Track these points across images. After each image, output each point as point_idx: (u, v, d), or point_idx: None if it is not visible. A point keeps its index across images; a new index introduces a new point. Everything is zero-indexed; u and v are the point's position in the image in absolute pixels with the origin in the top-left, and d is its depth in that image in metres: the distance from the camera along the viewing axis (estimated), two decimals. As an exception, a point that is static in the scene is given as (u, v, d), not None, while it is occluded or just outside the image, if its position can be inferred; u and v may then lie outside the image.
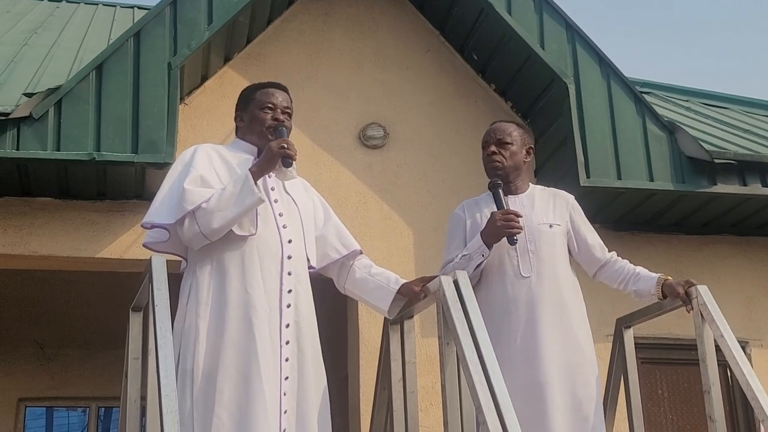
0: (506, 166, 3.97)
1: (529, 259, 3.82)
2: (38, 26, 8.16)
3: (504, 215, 3.74)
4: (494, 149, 3.99)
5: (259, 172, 3.35)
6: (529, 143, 4.08)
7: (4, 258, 5.86)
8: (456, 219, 4.06)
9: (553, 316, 3.76)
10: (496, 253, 3.83)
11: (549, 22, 6.27)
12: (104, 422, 9.07)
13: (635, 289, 3.96)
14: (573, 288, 3.91)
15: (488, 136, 4.05)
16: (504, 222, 3.72)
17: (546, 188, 4.12)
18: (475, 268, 3.77)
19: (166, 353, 2.88)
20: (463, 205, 4.10)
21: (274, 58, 6.47)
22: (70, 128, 5.44)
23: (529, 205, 3.96)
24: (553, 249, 3.89)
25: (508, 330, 3.74)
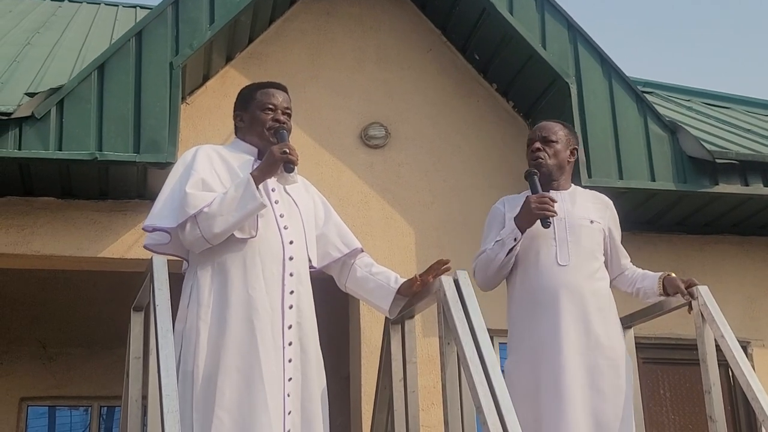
0: (549, 164, 4.00)
1: (567, 249, 3.84)
2: (40, 26, 8.17)
3: (539, 198, 3.77)
4: (539, 146, 4.01)
5: (260, 177, 3.34)
6: (573, 144, 4.11)
7: (7, 257, 5.87)
8: (495, 212, 4.09)
9: (585, 305, 3.77)
10: (534, 243, 3.86)
11: (550, 22, 6.28)
12: (107, 421, 9.07)
13: (641, 288, 4.02)
14: (606, 284, 3.94)
15: (534, 133, 4.08)
16: (538, 204, 3.75)
17: (587, 190, 4.19)
18: (507, 253, 3.79)
19: (167, 353, 2.88)
20: (503, 200, 4.12)
21: (275, 58, 6.48)
22: (72, 128, 5.45)
23: (570, 201, 4.00)
24: (592, 243, 3.93)
25: (544, 316, 3.75)
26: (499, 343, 6.11)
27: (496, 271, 3.87)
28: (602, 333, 3.77)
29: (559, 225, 3.85)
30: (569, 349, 3.68)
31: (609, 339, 3.79)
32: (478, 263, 3.94)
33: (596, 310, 3.79)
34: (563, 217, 3.88)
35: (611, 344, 3.79)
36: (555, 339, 3.71)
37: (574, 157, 4.11)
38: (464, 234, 6.34)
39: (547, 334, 3.73)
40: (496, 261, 3.83)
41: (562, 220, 3.87)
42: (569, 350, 3.68)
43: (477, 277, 3.94)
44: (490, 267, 3.87)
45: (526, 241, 3.83)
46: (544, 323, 3.75)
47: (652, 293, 3.99)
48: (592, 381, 3.69)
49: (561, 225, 3.86)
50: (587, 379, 3.68)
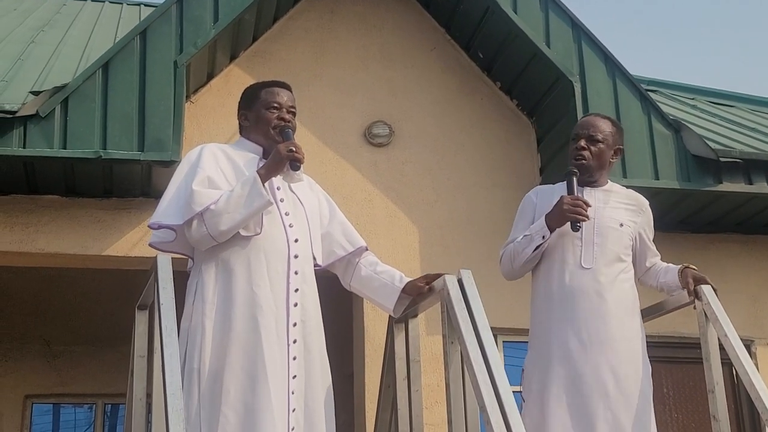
0: (591, 165, 3.93)
1: (592, 251, 3.80)
2: (45, 24, 8.18)
3: (573, 200, 3.74)
4: (584, 144, 3.93)
5: (267, 175, 3.34)
6: (619, 143, 4.02)
7: (11, 255, 5.89)
8: (527, 202, 4.03)
9: (607, 309, 3.75)
10: (560, 242, 3.83)
11: (555, 21, 6.28)
12: (111, 419, 9.09)
13: (664, 282, 3.98)
14: (631, 288, 3.89)
15: (580, 129, 3.98)
16: (571, 206, 3.72)
17: (624, 188, 4.10)
18: (534, 250, 3.77)
19: (171, 352, 2.88)
20: (537, 190, 4.08)
21: (279, 56, 6.48)
22: (77, 126, 5.46)
23: (603, 200, 3.94)
24: (618, 247, 3.87)
25: (564, 318, 3.73)
26: (504, 341, 6.12)
27: (521, 265, 3.85)
28: (626, 335, 3.75)
29: (587, 226, 3.80)
30: (591, 352, 3.67)
31: (629, 342, 3.76)
32: (504, 253, 3.92)
33: (616, 314, 3.76)
34: (593, 217, 3.82)
35: (631, 347, 3.75)
36: (576, 341, 3.69)
37: (618, 156, 4.04)
38: (468, 232, 6.35)
39: (564, 335, 3.71)
40: (523, 255, 3.81)
41: (592, 221, 3.81)
42: (591, 354, 3.67)
43: (503, 267, 3.94)
44: (516, 260, 3.85)
45: (552, 239, 3.80)
46: (562, 325, 3.73)
47: (675, 286, 3.95)
48: (615, 384, 3.67)
49: (589, 226, 3.82)
50: (605, 383, 3.66)
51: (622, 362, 3.72)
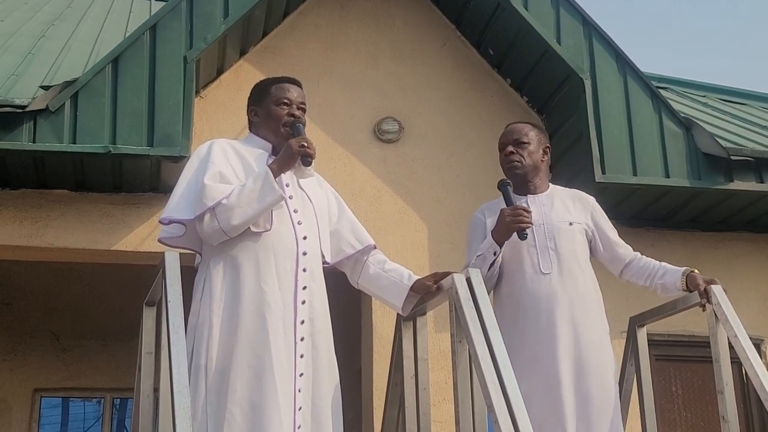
0: (525, 165, 3.96)
1: (549, 256, 3.81)
2: (55, 18, 8.19)
3: (512, 211, 3.73)
4: (512, 149, 3.98)
5: (278, 170, 3.34)
6: (545, 143, 4.06)
7: (21, 250, 5.90)
8: (475, 221, 4.05)
9: (572, 312, 3.75)
10: (516, 251, 3.82)
11: (566, 17, 6.26)
12: (119, 413, 9.12)
13: (662, 283, 3.95)
14: (593, 286, 3.90)
15: (505, 137, 4.04)
16: (513, 217, 3.71)
17: (566, 189, 4.10)
18: (489, 267, 3.76)
19: (178, 349, 2.88)
20: (482, 208, 4.09)
21: (289, 52, 6.48)
22: (86, 121, 5.47)
23: (548, 204, 3.95)
24: (573, 246, 3.88)
25: (531, 326, 3.73)
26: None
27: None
28: (589, 337, 3.75)
29: (538, 231, 3.82)
30: (560, 357, 3.67)
31: (597, 342, 3.76)
32: None
33: (583, 315, 3.77)
34: (542, 222, 3.85)
35: (599, 347, 3.76)
36: (546, 348, 3.68)
37: (547, 156, 4.06)
38: (477, 230, 6.33)
39: (536, 343, 3.70)
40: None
41: (541, 226, 3.84)
42: (560, 358, 3.67)
43: None
44: None
45: (507, 251, 3.81)
46: (534, 333, 3.72)
47: (674, 288, 3.93)
48: (582, 386, 3.67)
49: (540, 231, 3.83)
50: (578, 386, 3.67)
51: (594, 363, 3.71)
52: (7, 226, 5.81)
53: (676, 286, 3.91)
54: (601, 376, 3.72)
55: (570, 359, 3.69)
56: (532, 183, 3.98)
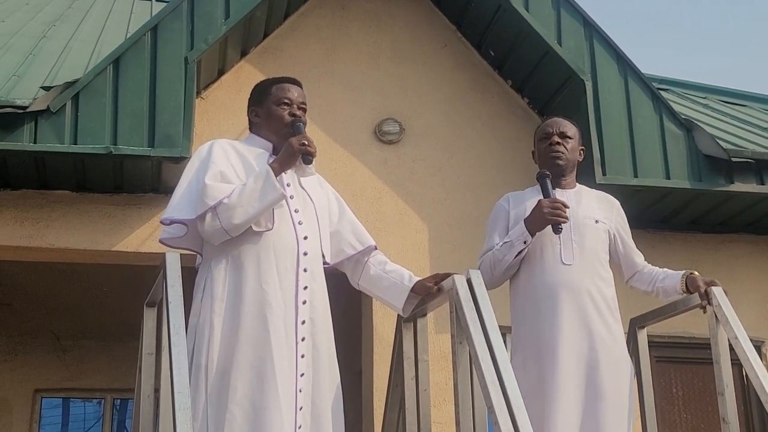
0: (567, 158, 3.95)
1: (572, 248, 3.80)
2: (56, 19, 8.20)
3: (552, 203, 3.74)
4: (558, 140, 3.95)
5: (279, 169, 3.34)
6: (582, 144, 4.09)
7: (22, 250, 5.91)
8: (499, 209, 4.02)
9: (588, 306, 3.74)
10: (538, 241, 3.82)
11: (566, 19, 6.26)
12: (120, 414, 9.12)
13: (662, 286, 3.96)
14: (611, 284, 3.90)
15: (549, 127, 4.00)
16: (551, 209, 3.71)
17: (592, 189, 4.11)
18: (516, 256, 3.76)
19: (179, 350, 2.88)
20: (507, 197, 4.06)
21: (290, 53, 6.48)
22: (88, 122, 5.48)
23: (576, 200, 3.95)
24: (596, 243, 3.88)
25: (548, 315, 3.71)
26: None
27: (503, 272, 3.84)
28: (604, 333, 3.75)
29: (564, 225, 3.82)
30: (567, 348, 3.66)
31: (611, 339, 3.76)
32: (483, 262, 3.90)
33: (598, 310, 3.77)
34: (569, 216, 3.85)
35: (613, 345, 3.76)
36: (554, 338, 3.68)
37: (581, 157, 4.08)
38: (477, 231, 6.30)
39: (548, 332, 3.70)
40: (504, 262, 3.80)
41: (568, 219, 3.84)
42: (567, 350, 3.66)
43: (483, 276, 3.89)
44: (497, 267, 3.83)
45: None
46: (547, 322, 3.71)
47: (674, 291, 3.95)
48: (592, 380, 3.66)
49: (566, 225, 3.82)
50: (586, 379, 3.66)
51: (605, 358, 3.70)
52: (8, 226, 5.81)
53: (676, 289, 3.92)
54: (613, 373, 3.71)
55: (579, 351, 3.67)
56: (564, 178, 3.98)
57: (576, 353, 3.67)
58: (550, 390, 3.63)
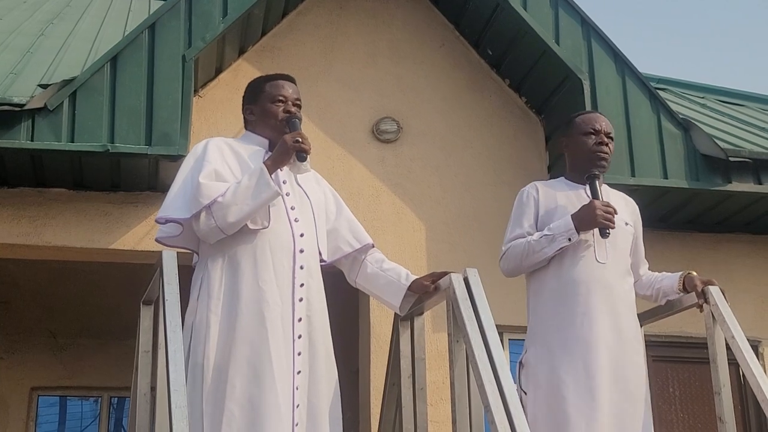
0: (610, 160, 3.93)
1: (605, 248, 3.77)
2: (54, 16, 8.19)
3: (605, 206, 3.71)
4: (606, 140, 3.90)
5: (273, 166, 3.34)
6: None
7: (18, 248, 5.90)
8: (528, 197, 3.93)
9: (619, 305, 3.74)
10: None
11: (564, 18, 6.26)
12: (117, 412, 9.11)
13: (660, 287, 3.97)
14: (632, 288, 3.91)
15: (597, 124, 3.93)
16: (604, 213, 3.69)
17: (612, 188, 4.08)
18: (556, 250, 3.71)
19: (175, 348, 2.88)
20: (535, 185, 3.98)
21: (288, 51, 6.48)
22: (85, 120, 5.47)
23: (607, 200, 3.90)
24: (626, 245, 3.88)
25: (580, 311, 3.68)
26: (509, 339, 6.11)
27: (535, 263, 3.77)
28: (632, 332, 3.76)
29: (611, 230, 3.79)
30: (603, 346, 3.64)
31: (637, 339, 3.77)
32: (512, 249, 3.80)
33: (627, 309, 3.77)
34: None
35: (639, 344, 3.77)
36: (590, 335, 3.64)
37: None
38: (475, 230, 6.34)
39: (581, 329, 3.66)
40: (541, 254, 3.73)
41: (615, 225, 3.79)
42: (603, 347, 3.64)
43: (508, 263, 3.82)
44: (530, 258, 3.75)
45: None
46: (579, 318, 3.67)
47: (672, 291, 3.95)
48: (621, 379, 3.66)
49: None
50: (616, 377, 3.65)
51: (633, 358, 3.71)
52: (5, 224, 5.81)
53: (674, 289, 3.92)
54: (639, 374, 3.72)
55: (611, 350, 3.65)
56: (600, 178, 3.93)
57: (608, 350, 3.66)
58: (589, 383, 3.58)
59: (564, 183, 3.97)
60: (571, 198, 3.86)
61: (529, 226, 3.84)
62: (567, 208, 3.81)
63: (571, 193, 3.89)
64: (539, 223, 3.84)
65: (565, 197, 3.87)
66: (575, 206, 3.79)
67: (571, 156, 3.99)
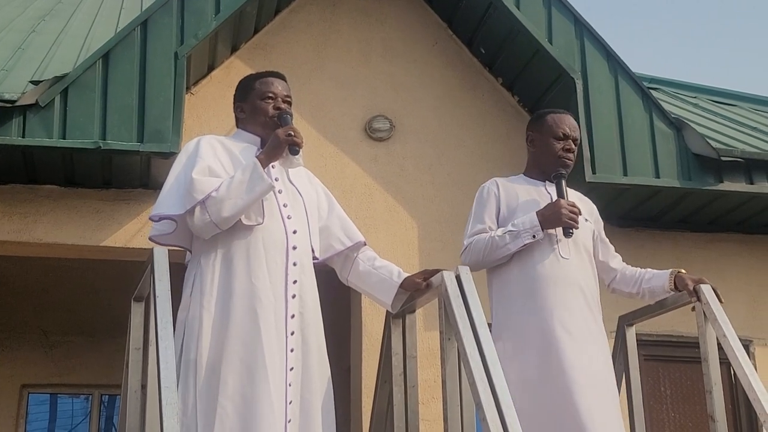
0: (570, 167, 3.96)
1: (567, 244, 3.80)
2: (46, 13, 8.16)
3: (571, 206, 3.75)
4: (573, 147, 3.95)
5: (266, 160, 3.35)
6: None
7: (10, 245, 5.88)
8: (489, 192, 3.96)
9: (584, 301, 3.75)
10: None
11: (557, 17, 6.26)
12: (107, 410, 9.10)
13: (649, 287, 3.96)
14: (597, 283, 3.92)
15: (568, 128, 3.96)
16: (569, 213, 3.72)
17: (570, 189, 4.07)
18: (520, 247, 3.73)
19: (166, 345, 2.88)
20: (495, 182, 4.01)
21: (281, 49, 6.47)
22: (76, 116, 5.45)
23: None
24: (587, 241, 3.90)
25: (546, 308, 3.69)
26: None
27: (497, 258, 3.78)
28: (597, 326, 3.77)
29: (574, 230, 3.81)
30: (569, 341, 3.65)
31: (601, 333, 3.78)
32: (475, 244, 3.81)
33: (589, 306, 3.78)
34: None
35: (603, 338, 3.79)
36: (555, 330, 3.65)
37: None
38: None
39: (547, 324, 3.67)
40: (504, 250, 3.75)
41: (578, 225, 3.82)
42: (568, 342, 3.65)
43: (470, 257, 3.82)
44: (493, 253, 3.76)
45: None
46: (545, 313, 3.69)
47: (662, 291, 3.95)
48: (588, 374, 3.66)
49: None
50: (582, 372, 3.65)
51: (600, 353, 3.72)
52: (-5, 221, 5.79)
53: (664, 288, 3.92)
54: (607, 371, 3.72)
55: (576, 345, 3.66)
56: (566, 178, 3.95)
57: (574, 345, 3.65)
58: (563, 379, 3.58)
59: (523, 179, 4.01)
60: (532, 194, 3.89)
61: (491, 221, 3.87)
62: (529, 205, 3.84)
63: (531, 190, 3.92)
64: (501, 219, 3.87)
65: (527, 193, 3.90)
66: (537, 203, 3.83)
67: (536, 154, 4.02)
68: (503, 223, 3.83)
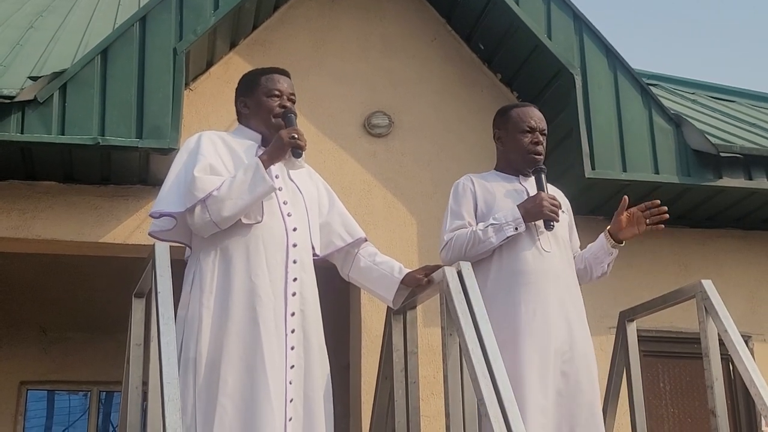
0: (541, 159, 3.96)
1: (548, 237, 3.82)
2: (44, 9, 8.14)
3: (552, 200, 3.77)
4: (541, 139, 3.96)
5: (269, 161, 3.34)
6: None
7: (8, 241, 5.87)
8: (465, 188, 3.98)
9: (566, 295, 3.76)
10: None
11: (556, 13, 6.25)
12: (105, 406, 9.10)
13: (588, 256, 4.00)
14: (575, 274, 3.93)
15: (533, 121, 3.98)
16: (551, 207, 3.74)
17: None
18: (502, 240, 3.73)
19: (168, 340, 2.87)
20: (470, 177, 4.03)
21: (279, 45, 6.45)
22: (75, 112, 5.44)
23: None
24: (565, 234, 3.93)
25: (526, 301, 3.69)
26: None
27: (480, 253, 3.77)
28: (578, 322, 3.77)
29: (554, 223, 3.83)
30: (554, 334, 3.65)
31: (584, 330, 3.79)
32: (456, 239, 3.81)
33: (574, 297, 3.81)
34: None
35: (586, 336, 3.79)
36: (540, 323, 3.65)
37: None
38: (466, 224, 6.32)
39: (531, 317, 3.66)
40: (486, 244, 3.74)
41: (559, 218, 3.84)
42: (554, 336, 3.65)
43: (450, 253, 3.81)
44: (475, 248, 3.76)
45: None
46: (528, 306, 3.68)
47: (604, 252, 3.95)
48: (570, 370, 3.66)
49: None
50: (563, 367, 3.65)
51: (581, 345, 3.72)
52: (-6, 217, 5.78)
53: (603, 248, 3.94)
54: (588, 365, 3.72)
55: (561, 338, 3.67)
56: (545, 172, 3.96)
57: (559, 338, 3.66)
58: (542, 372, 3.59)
59: (496, 175, 4.03)
60: (508, 189, 3.91)
61: (470, 216, 3.88)
62: (507, 200, 3.85)
63: (507, 185, 3.94)
64: (479, 215, 3.87)
65: (503, 189, 3.91)
66: (515, 198, 3.85)
67: (505, 151, 4.04)
68: (482, 219, 3.84)
